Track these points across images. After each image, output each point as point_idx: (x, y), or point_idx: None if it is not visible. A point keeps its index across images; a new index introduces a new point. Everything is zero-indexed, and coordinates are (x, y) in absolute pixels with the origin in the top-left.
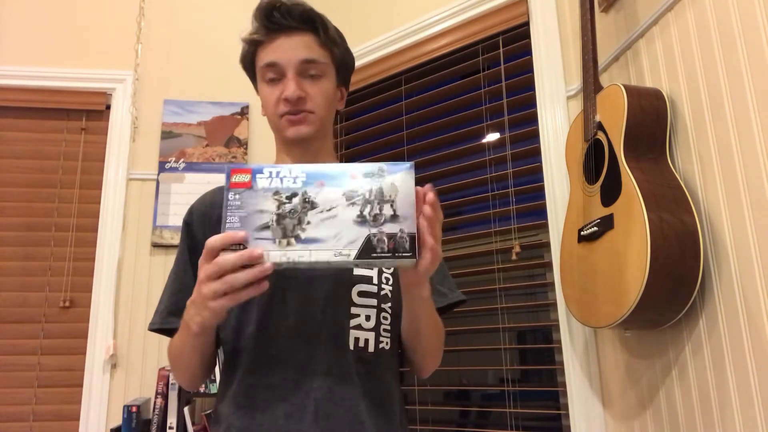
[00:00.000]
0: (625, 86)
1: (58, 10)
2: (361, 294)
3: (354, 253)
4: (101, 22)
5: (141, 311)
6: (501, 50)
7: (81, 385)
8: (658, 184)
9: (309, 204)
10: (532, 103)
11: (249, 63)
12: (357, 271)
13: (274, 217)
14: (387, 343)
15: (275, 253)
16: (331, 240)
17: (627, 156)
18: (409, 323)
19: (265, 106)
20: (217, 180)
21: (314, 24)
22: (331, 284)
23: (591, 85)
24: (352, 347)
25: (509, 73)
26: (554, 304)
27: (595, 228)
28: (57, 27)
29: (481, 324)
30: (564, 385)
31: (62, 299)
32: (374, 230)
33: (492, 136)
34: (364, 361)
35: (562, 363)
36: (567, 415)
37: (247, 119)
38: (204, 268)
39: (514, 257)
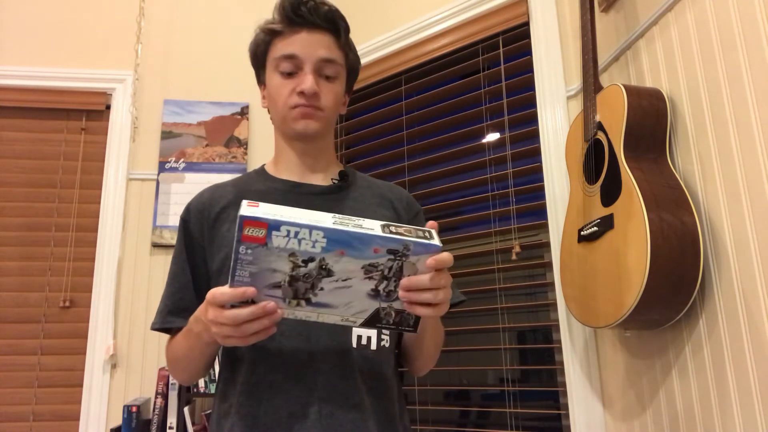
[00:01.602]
0: (625, 86)
1: (58, 10)
2: None
3: (360, 322)
4: (101, 22)
5: (141, 311)
6: (501, 50)
7: (81, 385)
8: (658, 184)
9: (325, 271)
10: (532, 103)
11: (261, 52)
12: None
13: (287, 278)
14: (387, 341)
15: (283, 311)
16: (341, 307)
17: (627, 156)
18: (414, 336)
19: (274, 97)
20: (217, 180)
21: (337, 26)
22: None
23: (591, 85)
24: (354, 345)
25: (509, 73)
26: (554, 304)
27: (595, 228)
28: (57, 27)
29: (481, 324)
30: (564, 385)
31: (62, 299)
32: (384, 305)
33: (492, 136)
34: (367, 359)
35: (562, 363)
36: (567, 415)
37: (247, 119)
38: (215, 317)
39: (514, 257)
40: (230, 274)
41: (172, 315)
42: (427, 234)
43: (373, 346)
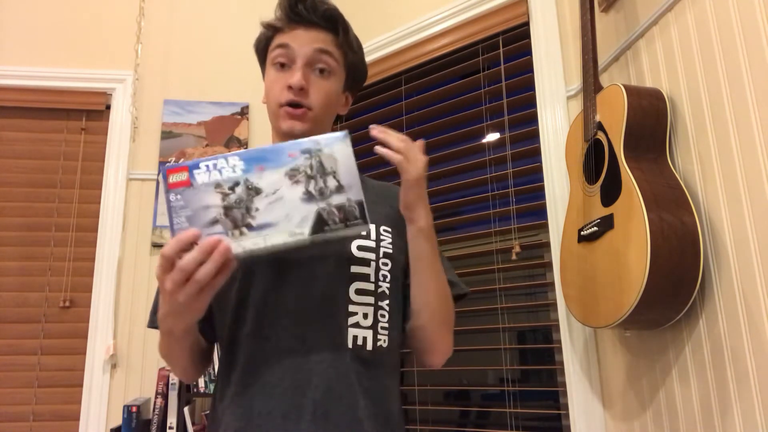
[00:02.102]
0: (625, 86)
1: (58, 10)
2: (358, 292)
3: (307, 231)
4: (101, 22)
5: (141, 311)
6: (501, 50)
7: (81, 385)
8: (658, 184)
9: (253, 190)
10: (532, 103)
11: (263, 47)
12: (354, 269)
13: (222, 210)
14: (385, 341)
15: (231, 246)
16: (283, 222)
17: (627, 156)
18: (414, 275)
19: (268, 91)
20: None
21: (335, 25)
22: (328, 282)
23: (591, 85)
24: (350, 345)
25: (509, 73)
26: (554, 304)
27: (595, 228)
28: (57, 27)
29: (481, 324)
30: (564, 385)
31: (62, 299)
32: (322, 204)
33: (492, 136)
34: (363, 359)
35: (562, 363)
36: (567, 415)
37: (247, 119)
38: (168, 278)
39: (514, 257)
40: (169, 226)
41: None
42: None
43: (369, 347)
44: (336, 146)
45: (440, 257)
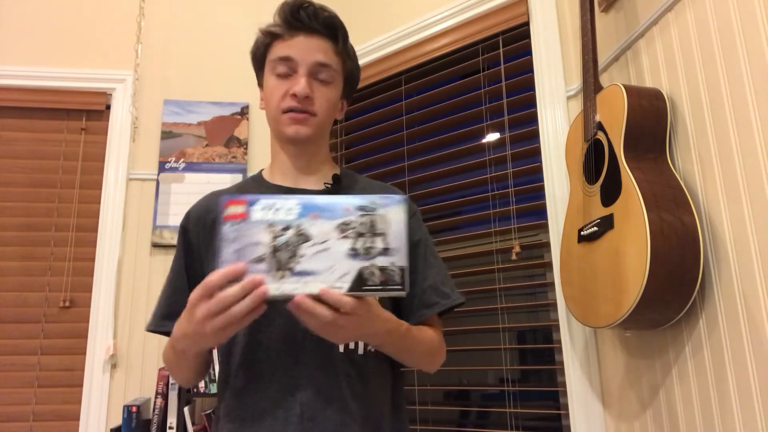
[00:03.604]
0: (625, 86)
1: (58, 10)
2: None
3: (346, 287)
4: (101, 22)
5: (141, 311)
6: (501, 50)
7: (81, 385)
8: (658, 184)
9: (303, 236)
10: (532, 103)
11: (261, 54)
12: None
13: (270, 250)
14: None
15: (270, 286)
16: (325, 273)
17: (627, 156)
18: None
19: (268, 98)
20: (217, 180)
21: (335, 32)
22: None
23: (591, 85)
24: (341, 349)
25: (509, 73)
26: (554, 304)
27: (595, 228)
28: (57, 27)
29: (481, 324)
30: (564, 385)
31: (62, 299)
32: (366, 263)
33: (492, 136)
34: (353, 363)
35: (562, 363)
36: (567, 415)
37: (247, 119)
38: (203, 306)
39: (514, 257)
40: (216, 257)
41: (166, 319)
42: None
43: (360, 351)
44: (392, 209)
45: (436, 264)
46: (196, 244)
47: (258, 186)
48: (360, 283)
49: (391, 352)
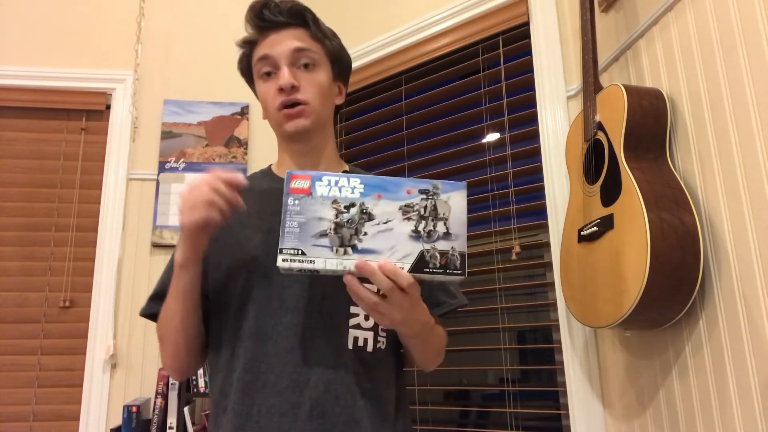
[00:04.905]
0: (625, 86)
1: (57, 10)
2: None
3: (408, 267)
4: (101, 22)
5: None
6: (501, 50)
7: (81, 385)
8: (658, 184)
9: (366, 215)
10: (532, 103)
11: (246, 66)
12: None
13: (333, 226)
14: (383, 343)
15: (332, 261)
16: (387, 252)
17: (627, 156)
18: (407, 345)
19: (263, 103)
20: None
21: (304, 18)
22: (330, 283)
23: (591, 85)
24: (351, 346)
25: (509, 73)
26: (554, 304)
27: (595, 228)
28: (57, 27)
29: (481, 324)
30: (564, 385)
31: (62, 299)
32: (428, 246)
33: (492, 136)
34: (362, 361)
35: (562, 363)
36: (567, 415)
37: (247, 119)
38: (200, 177)
39: (514, 257)
40: (281, 226)
41: (155, 300)
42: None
43: (370, 348)
44: (453, 195)
45: None
46: None
47: (268, 180)
48: (421, 265)
49: (417, 344)
